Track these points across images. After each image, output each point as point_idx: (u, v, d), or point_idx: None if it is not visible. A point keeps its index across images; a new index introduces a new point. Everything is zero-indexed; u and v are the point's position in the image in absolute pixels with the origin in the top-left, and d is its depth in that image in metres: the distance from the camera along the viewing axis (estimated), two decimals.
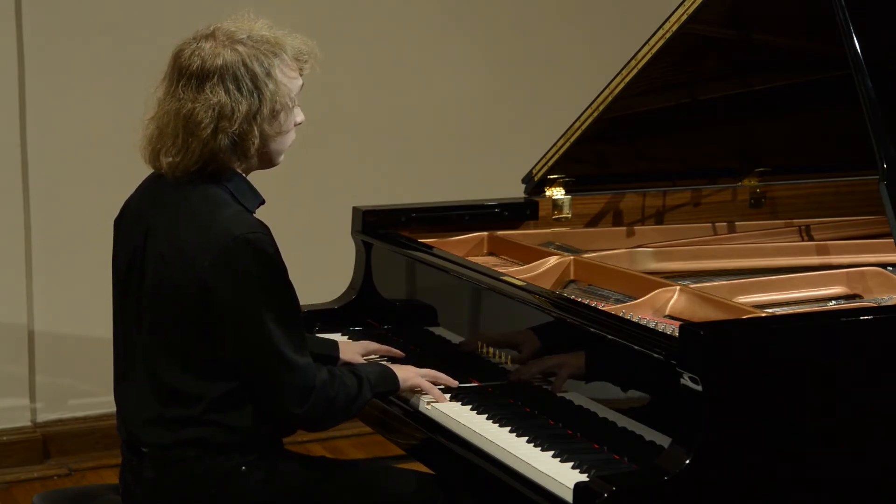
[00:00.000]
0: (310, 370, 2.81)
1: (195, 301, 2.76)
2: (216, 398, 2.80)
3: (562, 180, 3.84)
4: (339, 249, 3.95)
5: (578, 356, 2.89)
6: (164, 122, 2.82)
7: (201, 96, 2.77)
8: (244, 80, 2.78)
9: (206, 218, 2.79)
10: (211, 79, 2.78)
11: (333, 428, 2.96)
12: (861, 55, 2.90)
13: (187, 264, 2.76)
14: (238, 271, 2.74)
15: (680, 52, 3.52)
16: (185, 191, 2.84)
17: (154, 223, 2.87)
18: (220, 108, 2.76)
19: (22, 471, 4.73)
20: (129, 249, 2.92)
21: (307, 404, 2.80)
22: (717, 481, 2.51)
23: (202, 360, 2.80)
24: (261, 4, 5.00)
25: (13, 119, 4.69)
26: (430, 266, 3.40)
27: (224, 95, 2.76)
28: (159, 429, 2.84)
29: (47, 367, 4.82)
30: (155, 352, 2.84)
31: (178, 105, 2.80)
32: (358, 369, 2.99)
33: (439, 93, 5.33)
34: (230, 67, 2.78)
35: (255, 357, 2.78)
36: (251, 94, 2.78)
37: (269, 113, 2.80)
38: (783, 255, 3.53)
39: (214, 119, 2.76)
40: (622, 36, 4.44)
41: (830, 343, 2.62)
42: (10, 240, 4.72)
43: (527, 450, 2.77)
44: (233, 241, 2.74)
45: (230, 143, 2.79)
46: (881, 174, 2.84)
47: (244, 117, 2.77)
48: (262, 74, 2.79)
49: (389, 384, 3.03)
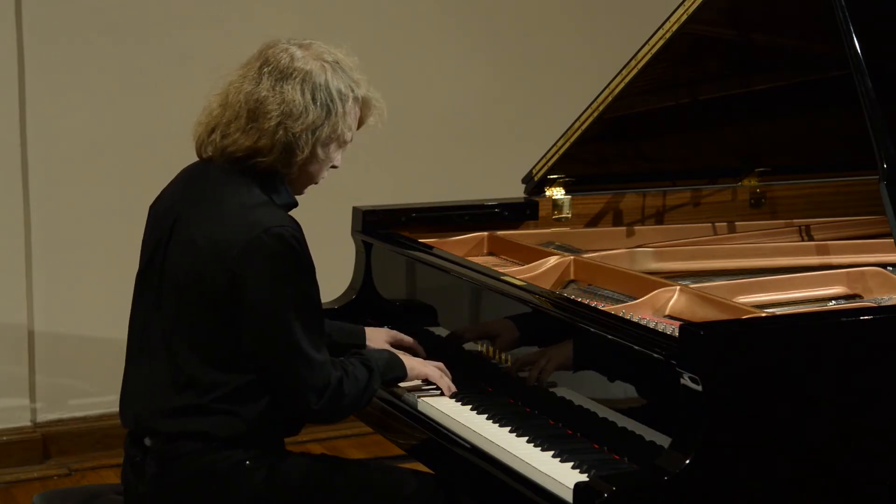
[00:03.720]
0: (326, 367, 2.85)
1: (221, 290, 2.80)
2: (230, 389, 2.83)
3: (562, 180, 3.84)
4: (339, 249, 3.95)
5: (578, 356, 2.89)
6: (232, 100, 2.88)
7: (277, 88, 2.85)
8: (321, 93, 2.87)
9: (238, 210, 2.84)
10: (293, 78, 2.86)
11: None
12: (861, 55, 2.90)
13: (217, 253, 2.80)
14: (265, 263, 2.78)
15: (680, 52, 3.52)
16: (220, 181, 2.89)
17: (184, 212, 2.91)
18: (292, 106, 2.84)
19: (22, 471, 4.73)
20: (156, 236, 2.96)
21: (322, 400, 2.84)
22: (717, 481, 2.50)
23: (222, 351, 2.83)
24: (263, 4, 5.03)
25: (13, 119, 4.68)
26: (430, 266, 3.40)
27: (299, 97, 2.84)
28: (167, 414, 2.86)
29: (47, 367, 4.82)
30: (175, 338, 2.87)
31: (252, 88, 2.87)
32: (368, 359, 3.01)
33: (440, 93, 5.33)
34: (313, 77, 2.87)
35: (274, 350, 2.81)
36: (322, 108, 2.86)
37: (327, 134, 2.89)
38: (783, 255, 3.53)
39: (281, 115, 2.84)
40: (622, 36, 4.44)
41: (830, 343, 2.62)
42: (10, 240, 4.72)
43: (527, 450, 2.77)
44: (263, 233, 2.78)
45: (284, 145, 2.85)
46: (881, 174, 2.84)
47: (307, 126, 2.85)
48: (338, 98, 2.88)
49: (397, 371, 3.08)
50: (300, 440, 3.66)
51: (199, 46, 4.88)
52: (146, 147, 4.85)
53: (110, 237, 4.82)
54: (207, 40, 4.89)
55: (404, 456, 3.28)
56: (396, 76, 5.18)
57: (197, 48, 4.88)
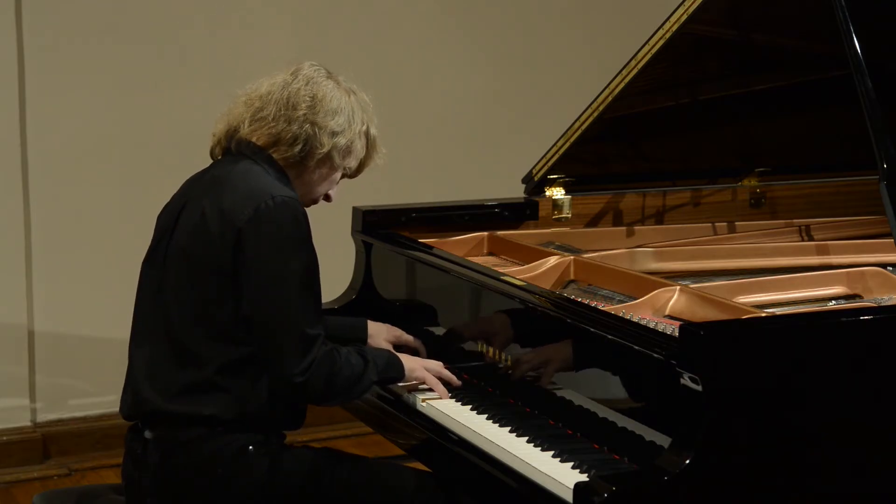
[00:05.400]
0: (316, 342, 2.88)
1: (228, 259, 2.87)
2: (231, 362, 2.87)
3: (562, 180, 3.84)
4: (339, 249, 3.95)
5: (578, 356, 2.89)
6: (264, 93, 3.00)
7: (308, 87, 3.00)
8: (343, 111, 3.00)
9: (249, 184, 2.93)
10: (323, 87, 3.01)
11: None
12: (861, 55, 2.90)
13: (225, 220, 2.88)
14: (271, 228, 2.86)
15: (680, 52, 3.52)
16: (229, 167, 2.98)
17: (192, 198, 2.98)
18: (321, 105, 2.98)
19: (22, 471, 4.73)
20: (162, 226, 3.03)
21: (308, 373, 2.86)
22: (717, 481, 2.50)
23: (223, 322, 2.88)
24: (263, 4, 5.03)
25: (13, 119, 4.68)
26: (430, 266, 3.40)
27: (328, 101, 3.00)
28: (169, 395, 2.89)
29: (47, 367, 4.82)
30: (176, 313, 2.91)
31: (285, 83, 3.00)
32: (365, 352, 3.04)
33: (440, 93, 5.33)
34: (339, 95, 3.02)
35: (267, 314, 2.86)
36: (346, 119, 3.00)
37: (345, 144, 3.00)
38: (783, 255, 3.53)
39: (310, 109, 2.97)
40: (622, 36, 4.43)
41: (830, 343, 2.62)
42: (10, 240, 4.72)
43: (527, 450, 2.77)
44: (271, 200, 2.88)
45: (307, 138, 2.96)
46: (881, 174, 2.84)
47: (329, 131, 2.97)
48: (358, 120, 3.03)
49: (395, 371, 3.08)
50: (300, 439, 3.66)
51: (199, 47, 4.88)
52: (146, 147, 4.85)
53: (110, 237, 4.82)
54: (207, 41, 4.89)
55: (404, 456, 3.28)
56: (396, 76, 5.18)
57: (197, 48, 4.88)
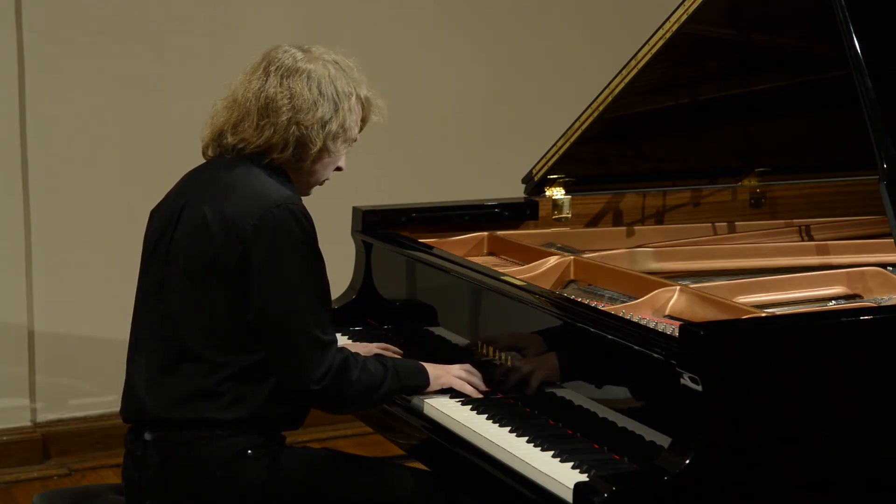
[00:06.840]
0: (331, 348, 2.86)
1: (233, 266, 2.83)
2: (234, 370, 2.84)
3: (562, 180, 3.84)
4: (339, 249, 3.95)
5: (578, 356, 2.89)
6: (241, 99, 2.93)
7: (285, 84, 2.91)
8: (327, 89, 2.92)
9: (249, 188, 2.89)
10: (299, 75, 2.92)
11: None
12: (861, 55, 2.90)
13: (228, 228, 2.84)
14: (278, 236, 2.83)
15: (680, 52, 3.52)
16: (230, 170, 2.94)
17: (193, 198, 2.94)
18: (301, 101, 2.89)
19: (22, 471, 4.73)
20: (161, 225, 2.98)
21: (324, 381, 2.84)
22: (717, 481, 2.50)
23: (228, 330, 2.85)
24: (262, 4, 5.03)
25: (13, 119, 4.69)
26: (430, 266, 3.40)
27: (307, 91, 2.90)
28: (169, 400, 2.87)
29: (47, 367, 4.82)
30: (179, 319, 2.88)
31: (260, 86, 2.92)
32: (386, 360, 3.01)
33: (440, 93, 5.33)
34: (318, 74, 2.93)
35: (279, 324, 2.83)
36: (330, 102, 2.92)
37: (336, 129, 2.93)
38: (783, 255, 3.53)
39: (292, 110, 2.89)
40: (622, 36, 4.44)
41: (830, 343, 2.62)
42: (10, 240, 4.72)
43: (527, 450, 2.77)
44: (276, 207, 2.84)
45: (297, 139, 2.90)
46: (881, 174, 2.84)
47: (318, 120, 2.90)
48: (343, 94, 2.93)
49: (420, 379, 3.04)
50: (300, 439, 3.66)
51: (199, 47, 4.88)
52: (146, 147, 4.85)
53: (110, 237, 4.82)
54: (207, 41, 4.89)
55: (404, 456, 3.28)
56: (396, 76, 5.17)
57: (196, 49, 4.88)
